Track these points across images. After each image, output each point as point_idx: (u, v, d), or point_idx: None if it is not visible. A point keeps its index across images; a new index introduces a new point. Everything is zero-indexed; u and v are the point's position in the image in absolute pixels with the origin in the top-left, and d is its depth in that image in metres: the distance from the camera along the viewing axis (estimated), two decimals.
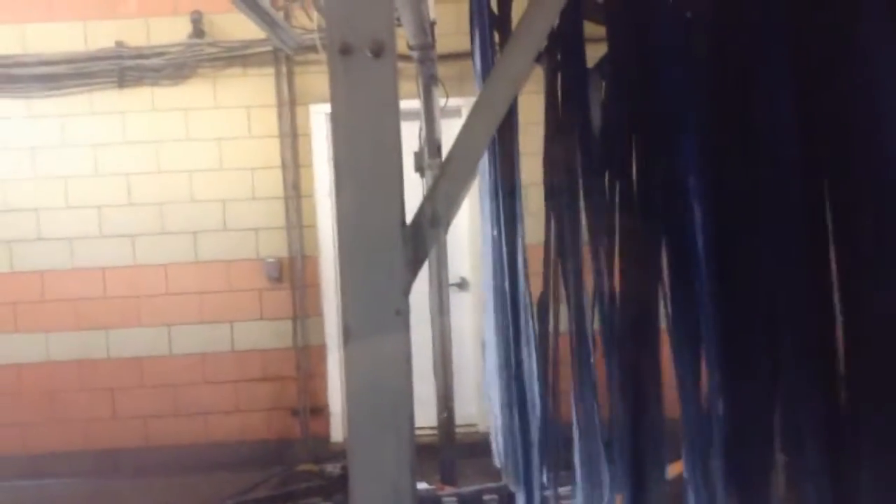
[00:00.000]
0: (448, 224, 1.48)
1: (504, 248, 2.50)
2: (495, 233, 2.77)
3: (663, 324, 1.89)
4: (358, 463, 1.48)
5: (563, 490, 2.57)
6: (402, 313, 1.43)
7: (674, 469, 1.99)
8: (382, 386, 1.44)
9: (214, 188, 5.67)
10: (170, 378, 5.74)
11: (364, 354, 1.43)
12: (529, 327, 2.52)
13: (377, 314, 1.43)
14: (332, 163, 1.43)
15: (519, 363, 2.56)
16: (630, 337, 1.93)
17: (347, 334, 1.42)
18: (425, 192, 1.44)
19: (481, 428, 5.53)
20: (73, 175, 5.65)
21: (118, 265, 5.69)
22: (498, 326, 2.96)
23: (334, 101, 1.40)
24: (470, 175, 1.48)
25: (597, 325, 2.14)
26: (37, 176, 5.65)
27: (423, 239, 1.44)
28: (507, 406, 2.84)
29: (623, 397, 1.94)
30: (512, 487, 3.02)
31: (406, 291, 1.43)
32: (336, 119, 1.40)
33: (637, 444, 1.91)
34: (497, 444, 3.32)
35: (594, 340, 2.19)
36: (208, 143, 5.65)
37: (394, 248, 1.42)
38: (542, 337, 2.47)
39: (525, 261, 2.47)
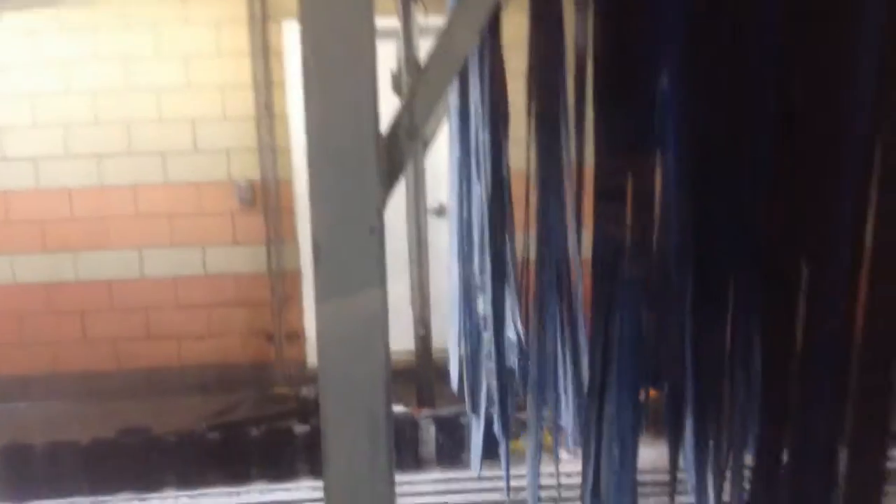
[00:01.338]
0: (427, 137, 1.38)
1: (482, 176, 2.40)
2: (460, 157, 2.67)
3: None
4: (330, 387, 1.40)
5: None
6: (377, 231, 1.33)
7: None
8: (355, 308, 1.35)
9: (183, 107, 5.47)
10: (141, 301, 5.63)
11: (336, 274, 1.34)
12: (490, 253, 2.45)
13: (350, 232, 1.34)
14: (302, 79, 1.31)
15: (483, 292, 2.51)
16: (602, 263, 1.87)
17: (318, 253, 1.33)
18: (403, 102, 1.33)
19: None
20: (41, 93, 5.41)
21: (85, 185, 5.51)
22: (460, 253, 2.90)
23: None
24: (449, 83, 1.36)
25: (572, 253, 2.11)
26: (1, 93, 5.41)
27: (399, 151, 1.34)
28: (467, 331, 2.81)
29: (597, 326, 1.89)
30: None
31: (381, 208, 1.34)
32: (305, 18, 1.28)
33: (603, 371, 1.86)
34: (455, 370, 3.29)
35: (568, 268, 2.15)
36: (177, 59, 5.43)
37: (368, 160, 1.32)
38: (505, 263, 2.42)
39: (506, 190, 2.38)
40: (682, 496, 1.93)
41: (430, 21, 4.54)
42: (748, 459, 1.69)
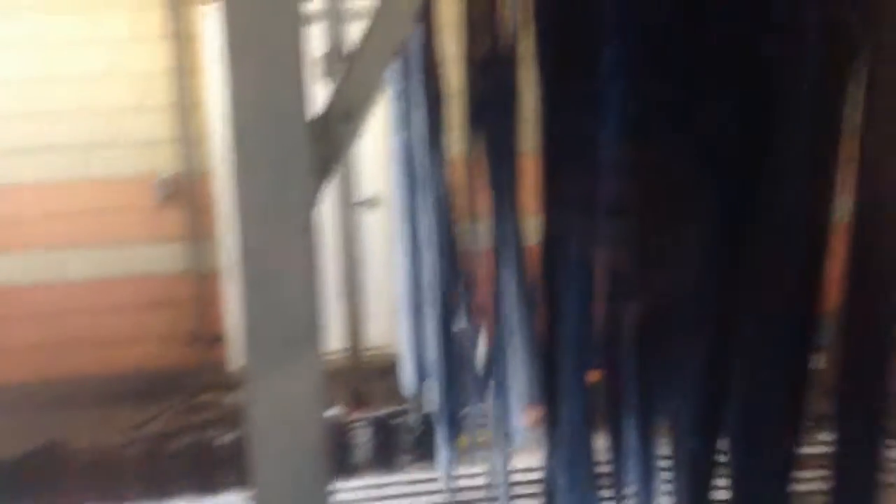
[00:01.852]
0: (362, 120, 1.23)
1: (424, 163, 2.28)
2: (404, 142, 2.56)
3: None
4: (259, 398, 1.24)
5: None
6: (308, 230, 1.18)
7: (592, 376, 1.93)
8: (286, 314, 1.20)
9: (98, 97, 5.16)
10: (57, 305, 5.31)
11: (264, 279, 1.19)
12: (446, 242, 2.36)
13: (279, 231, 1.19)
14: (222, 64, 1.16)
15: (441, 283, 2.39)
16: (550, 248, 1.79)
17: (244, 255, 1.17)
18: (336, 84, 1.18)
19: (392, 350, 5.37)
20: None
21: None
22: (409, 244, 2.78)
23: None
24: (387, 60, 1.22)
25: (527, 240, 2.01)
26: None
27: (334, 138, 1.19)
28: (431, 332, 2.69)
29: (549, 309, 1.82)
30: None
31: (312, 203, 1.19)
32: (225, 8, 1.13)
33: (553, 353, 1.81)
34: (409, 370, 3.17)
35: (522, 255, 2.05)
36: (89, 47, 5.12)
37: (298, 149, 1.17)
38: (460, 254, 2.32)
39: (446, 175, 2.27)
40: None
41: (358, 3, 4.38)
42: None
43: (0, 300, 5.26)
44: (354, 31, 4.25)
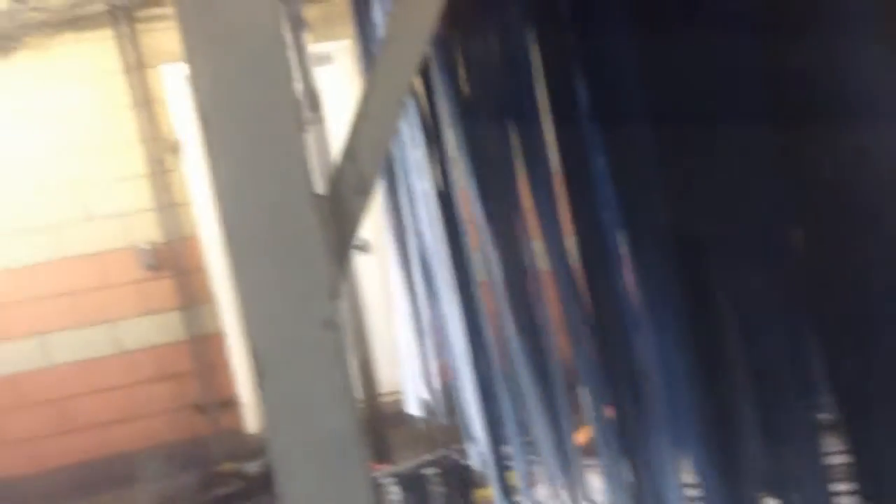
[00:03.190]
0: (376, 186, 1.04)
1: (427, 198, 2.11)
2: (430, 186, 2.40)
3: None
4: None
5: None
6: (334, 326, 0.99)
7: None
8: (320, 430, 1.00)
9: (68, 172, 4.98)
10: (52, 392, 5.10)
11: (288, 393, 0.99)
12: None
13: (298, 335, 0.99)
14: (197, 129, 0.95)
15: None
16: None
17: (261, 371, 0.98)
18: (343, 148, 0.99)
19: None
20: None
21: None
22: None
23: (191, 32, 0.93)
24: (398, 111, 1.03)
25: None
26: None
27: (348, 213, 1.00)
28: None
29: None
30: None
31: (334, 293, 0.99)
32: (194, 61, 0.94)
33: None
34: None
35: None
36: (53, 122, 4.94)
37: (307, 232, 0.98)
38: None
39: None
40: None
41: (320, 48, 4.22)
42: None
43: None
44: (320, 76, 4.11)
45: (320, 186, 0.99)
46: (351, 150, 0.96)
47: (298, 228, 0.96)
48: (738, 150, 1.25)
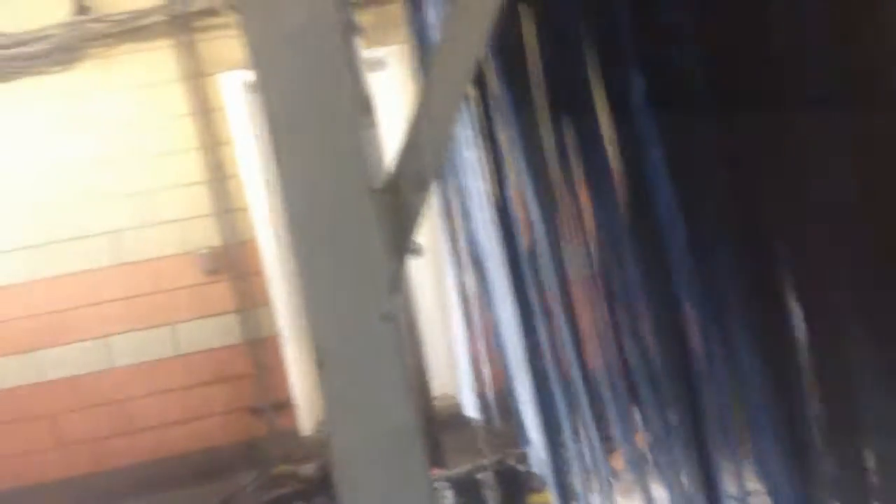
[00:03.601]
0: (435, 181, 1.05)
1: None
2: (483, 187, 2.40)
3: None
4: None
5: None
6: (391, 318, 1.00)
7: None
8: (379, 424, 1.01)
9: (128, 180, 5.10)
10: (113, 393, 5.21)
11: (347, 385, 1.00)
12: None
13: (357, 327, 1.00)
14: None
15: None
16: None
17: (321, 362, 0.99)
18: (403, 144, 1.01)
19: (456, 399, 5.19)
20: None
21: (36, 278, 5.11)
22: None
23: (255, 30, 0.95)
24: (458, 107, 1.04)
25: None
26: None
27: (407, 208, 1.01)
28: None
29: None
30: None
31: (394, 287, 1.00)
32: (261, 62, 0.96)
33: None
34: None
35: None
36: (113, 130, 5.06)
37: (367, 227, 0.99)
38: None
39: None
40: None
41: (372, 53, 4.26)
42: None
43: (53, 394, 5.18)
44: (372, 81, 4.14)
45: (379, 183, 1.01)
46: (411, 146, 0.98)
47: (359, 224, 0.97)
48: (812, 139, 1.21)
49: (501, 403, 3.63)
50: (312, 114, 0.96)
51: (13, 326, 5.12)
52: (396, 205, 0.99)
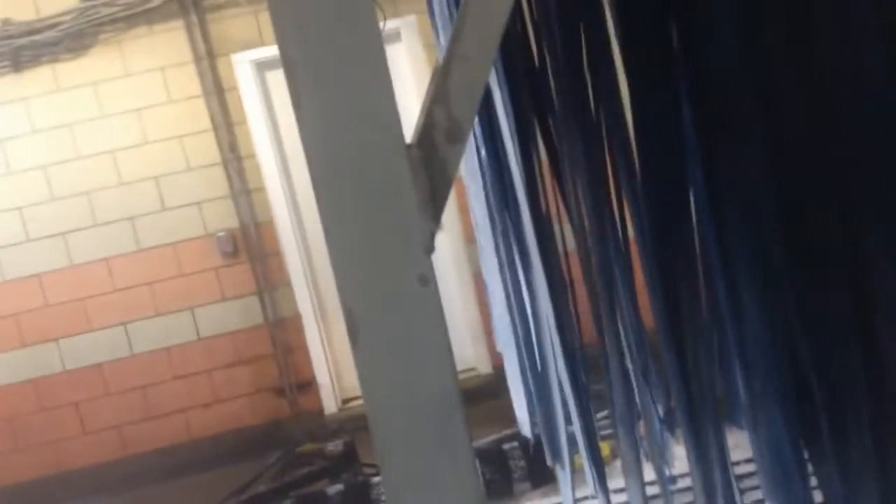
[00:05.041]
0: (468, 134, 0.99)
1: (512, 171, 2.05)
2: (485, 152, 2.34)
3: None
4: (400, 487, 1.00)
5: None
6: (429, 281, 0.94)
7: None
8: (418, 393, 0.96)
9: (143, 165, 5.07)
10: (136, 380, 5.22)
11: (384, 353, 0.95)
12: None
13: (392, 290, 0.95)
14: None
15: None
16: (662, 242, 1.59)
17: (353, 328, 0.94)
18: (432, 91, 0.95)
19: (482, 370, 5.15)
20: None
21: (54, 268, 5.10)
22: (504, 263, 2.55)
23: None
24: (493, 49, 0.97)
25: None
26: None
27: (440, 163, 0.95)
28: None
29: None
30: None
31: (429, 247, 0.95)
32: (281, 18, 0.91)
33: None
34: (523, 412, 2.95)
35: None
36: (127, 115, 5.03)
37: (399, 183, 0.93)
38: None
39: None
40: None
41: (388, 25, 4.19)
42: None
43: (81, 383, 5.19)
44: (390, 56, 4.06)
45: (410, 136, 0.95)
46: (442, 94, 0.91)
47: (389, 180, 0.92)
48: (862, 106, 1.13)
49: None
50: (337, 61, 0.90)
51: (34, 317, 5.13)
52: (429, 158, 0.94)
